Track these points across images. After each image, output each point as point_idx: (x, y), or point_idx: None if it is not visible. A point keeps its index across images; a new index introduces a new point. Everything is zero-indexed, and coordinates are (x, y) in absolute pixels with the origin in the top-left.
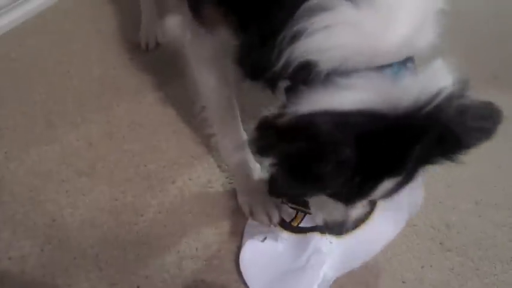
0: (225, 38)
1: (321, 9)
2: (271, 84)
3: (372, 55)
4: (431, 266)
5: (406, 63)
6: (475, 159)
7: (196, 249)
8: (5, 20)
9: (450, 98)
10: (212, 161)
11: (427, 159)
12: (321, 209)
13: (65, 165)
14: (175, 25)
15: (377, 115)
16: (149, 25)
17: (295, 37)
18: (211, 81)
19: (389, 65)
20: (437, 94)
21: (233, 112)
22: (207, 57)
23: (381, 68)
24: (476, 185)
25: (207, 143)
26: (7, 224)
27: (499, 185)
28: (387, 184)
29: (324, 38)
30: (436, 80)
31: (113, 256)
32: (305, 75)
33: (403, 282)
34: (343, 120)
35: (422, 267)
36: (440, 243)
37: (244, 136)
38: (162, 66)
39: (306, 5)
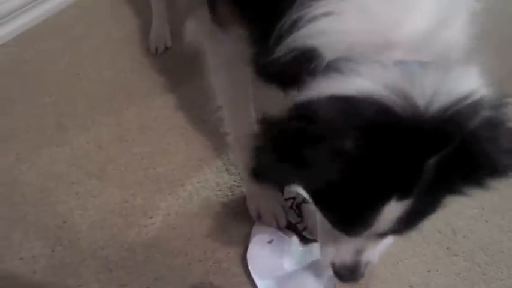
0: (239, 39)
1: None
2: (281, 81)
3: (383, 47)
4: (437, 270)
5: (426, 65)
6: None
7: (205, 251)
8: (18, 23)
9: (479, 105)
10: (220, 165)
11: (447, 180)
12: (328, 244)
13: (75, 168)
14: (194, 28)
15: (386, 109)
16: (159, 29)
17: (296, 23)
18: (229, 82)
19: (404, 62)
20: (463, 98)
21: (249, 114)
22: (224, 58)
23: (393, 62)
24: (483, 190)
25: (216, 146)
26: (18, 225)
27: (505, 190)
28: (396, 208)
29: (328, 23)
30: (463, 83)
31: (123, 258)
32: (307, 65)
33: (409, 286)
34: (346, 107)
35: (428, 271)
36: (447, 248)
37: None
38: (171, 70)
39: None
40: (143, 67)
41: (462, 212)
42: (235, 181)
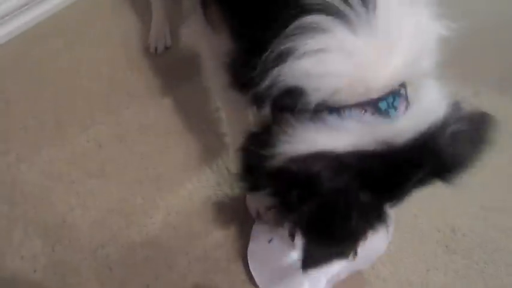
0: (227, 40)
1: (315, 30)
2: (257, 101)
3: (366, 88)
4: (436, 269)
5: (399, 91)
6: (481, 164)
7: (205, 250)
8: (16, 23)
9: (443, 127)
10: (221, 164)
11: (421, 184)
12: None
13: (75, 167)
14: (191, 28)
15: (373, 156)
16: (159, 29)
17: (283, 56)
18: (224, 85)
19: (383, 98)
20: (430, 127)
21: (247, 116)
22: (218, 59)
23: (374, 103)
24: (482, 189)
25: (216, 145)
26: (19, 224)
27: (504, 189)
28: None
29: (315, 63)
30: (429, 112)
31: (123, 256)
32: (292, 104)
33: (409, 285)
34: (340, 164)
35: (427, 270)
36: (445, 247)
37: None
38: (170, 70)
39: (299, 22)
40: (143, 67)
41: (461, 210)
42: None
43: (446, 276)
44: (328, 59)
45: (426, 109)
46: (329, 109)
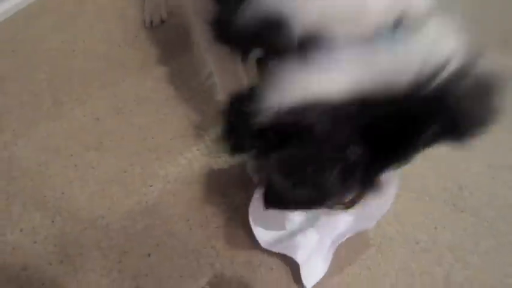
0: None
1: None
2: (241, 49)
3: (358, 19)
4: (444, 227)
5: (398, 25)
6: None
7: (206, 216)
8: (11, 3)
9: (461, 70)
10: (220, 132)
11: (433, 143)
12: None
13: (72, 141)
14: None
15: (374, 103)
16: (154, 2)
17: None
18: (208, 36)
19: (379, 33)
20: (443, 65)
21: (239, 76)
22: (199, 10)
23: (371, 33)
24: (489, 148)
25: (214, 114)
26: (17, 198)
27: (511, 147)
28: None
29: None
30: (440, 45)
31: (123, 226)
32: (276, 39)
33: (416, 243)
34: (337, 115)
35: (435, 228)
36: (453, 205)
37: None
38: (166, 43)
39: None
40: (138, 40)
41: (468, 169)
42: None
43: (454, 234)
44: None
45: (435, 42)
46: (318, 44)
